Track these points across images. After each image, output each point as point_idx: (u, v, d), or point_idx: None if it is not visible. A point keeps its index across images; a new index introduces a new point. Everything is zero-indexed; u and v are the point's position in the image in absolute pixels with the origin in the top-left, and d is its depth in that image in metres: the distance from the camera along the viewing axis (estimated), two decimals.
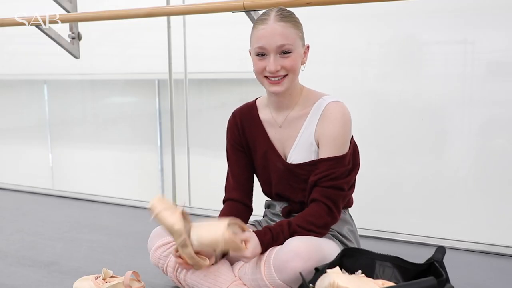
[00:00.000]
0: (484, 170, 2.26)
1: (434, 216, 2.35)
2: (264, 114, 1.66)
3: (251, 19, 2.08)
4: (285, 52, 1.49)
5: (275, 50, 1.49)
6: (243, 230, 1.49)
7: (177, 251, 1.50)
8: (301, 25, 1.57)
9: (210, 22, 2.70)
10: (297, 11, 1.90)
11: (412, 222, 2.37)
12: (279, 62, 1.50)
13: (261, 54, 1.52)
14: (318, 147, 1.56)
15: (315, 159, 1.56)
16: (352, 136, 1.60)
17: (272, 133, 1.64)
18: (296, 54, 1.51)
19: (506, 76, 2.18)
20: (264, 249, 1.47)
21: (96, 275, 1.69)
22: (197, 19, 2.77)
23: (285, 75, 1.51)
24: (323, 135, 1.54)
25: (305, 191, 1.58)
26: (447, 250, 1.43)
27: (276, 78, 1.51)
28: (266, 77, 1.52)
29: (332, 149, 1.52)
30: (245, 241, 1.45)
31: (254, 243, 1.45)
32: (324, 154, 1.54)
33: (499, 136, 2.22)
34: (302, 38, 1.55)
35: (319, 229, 1.51)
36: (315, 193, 1.53)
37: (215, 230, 1.41)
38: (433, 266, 1.35)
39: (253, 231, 1.50)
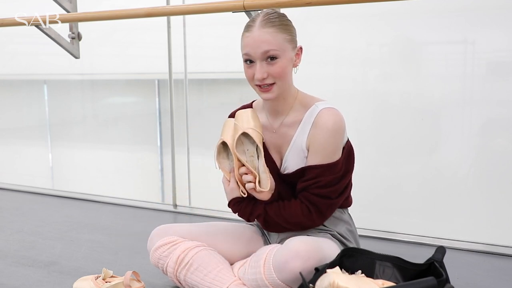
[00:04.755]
0: (484, 170, 2.26)
1: (434, 216, 2.35)
2: (261, 117, 1.65)
3: None
4: (272, 58, 1.48)
5: (261, 57, 1.48)
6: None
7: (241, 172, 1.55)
8: (292, 27, 1.54)
9: (210, 22, 2.70)
10: (297, 11, 1.90)
11: (412, 222, 2.37)
12: (265, 69, 1.48)
13: (248, 61, 1.51)
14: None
15: (304, 166, 1.56)
16: (348, 140, 1.59)
17: (268, 138, 1.63)
18: (284, 59, 1.49)
19: (506, 76, 2.18)
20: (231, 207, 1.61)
21: (96, 275, 1.69)
22: (197, 19, 2.77)
23: (273, 83, 1.50)
24: (313, 143, 1.53)
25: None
26: (447, 250, 1.43)
27: (265, 86, 1.50)
28: (258, 85, 1.52)
29: (321, 157, 1.51)
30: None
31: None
32: (312, 162, 1.53)
33: (499, 136, 2.22)
34: (292, 41, 1.52)
35: (288, 225, 1.54)
36: (301, 195, 1.54)
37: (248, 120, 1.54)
38: (433, 266, 1.35)
39: (234, 197, 1.59)
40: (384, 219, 2.42)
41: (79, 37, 2.92)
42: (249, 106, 1.70)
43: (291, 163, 1.58)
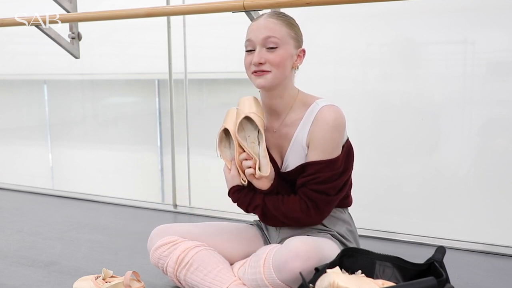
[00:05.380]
0: (484, 170, 2.26)
1: (434, 216, 2.35)
2: None
3: (251, 19, 2.08)
4: (271, 46, 1.49)
5: (261, 43, 1.50)
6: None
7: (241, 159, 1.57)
8: (298, 28, 1.56)
9: (210, 22, 2.70)
10: (297, 11, 1.90)
11: (412, 222, 2.37)
12: (264, 55, 1.50)
13: (249, 48, 1.53)
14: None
15: (304, 162, 1.56)
16: (348, 138, 1.59)
17: (268, 138, 1.63)
18: (283, 50, 1.51)
19: (506, 76, 2.18)
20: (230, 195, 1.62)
21: (96, 275, 1.69)
22: (197, 19, 2.77)
23: (269, 71, 1.51)
24: (313, 139, 1.53)
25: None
26: (447, 250, 1.43)
27: (260, 71, 1.51)
28: (253, 72, 1.52)
29: (321, 153, 1.51)
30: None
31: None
32: (312, 158, 1.53)
33: (499, 136, 2.22)
34: (296, 39, 1.54)
35: (285, 220, 1.54)
36: (300, 191, 1.54)
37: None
38: (433, 266, 1.35)
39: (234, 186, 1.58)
40: (384, 219, 2.42)
41: (79, 37, 2.92)
42: None
43: (292, 162, 1.58)
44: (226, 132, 1.61)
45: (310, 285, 1.27)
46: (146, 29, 3.01)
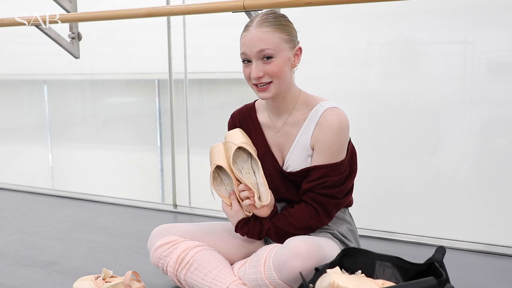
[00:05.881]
0: (484, 170, 2.26)
1: (434, 216, 2.35)
2: (263, 116, 1.66)
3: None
4: (267, 57, 1.48)
5: (256, 56, 1.49)
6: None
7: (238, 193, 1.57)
8: (290, 27, 1.54)
9: (210, 22, 2.71)
10: (297, 11, 1.90)
11: (412, 222, 2.37)
12: (261, 68, 1.49)
13: (246, 60, 1.52)
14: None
15: (309, 166, 1.56)
16: (350, 140, 1.59)
17: (270, 136, 1.63)
18: (280, 58, 1.49)
19: (506, 76, 2.18)
20: (238, 231, 1.60)
21: (96, 275, 1.69)
22: (197, 19, 2.77)
23: (270, 82, 1.50)
24: (318, 142, 1.53)
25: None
26: (447, 250, 1.43)
27: (262, 85, 1.51)
28: (255, 84, 1.52)
29: (327, 157, 1.52)
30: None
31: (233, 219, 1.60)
32: (318, 162, 1.53)
33: (499, 136, 2.22)
34: (290, 41, 1.52)
35: (298, 231, 1.54)
36: (306, 196, 1.54)
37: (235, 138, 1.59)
38: (433, 266, 1.35)
39: (239, 220, 1.58)
40: (384, 219, 2.42)
41: (79, 37, 2.92)
42: (252, 105, 1.71)
43: (293, 162, 1.58)
44: (217, 169, 1.61)
45: (310, 285, 1.27)
46: (146, 29, 3.01)
